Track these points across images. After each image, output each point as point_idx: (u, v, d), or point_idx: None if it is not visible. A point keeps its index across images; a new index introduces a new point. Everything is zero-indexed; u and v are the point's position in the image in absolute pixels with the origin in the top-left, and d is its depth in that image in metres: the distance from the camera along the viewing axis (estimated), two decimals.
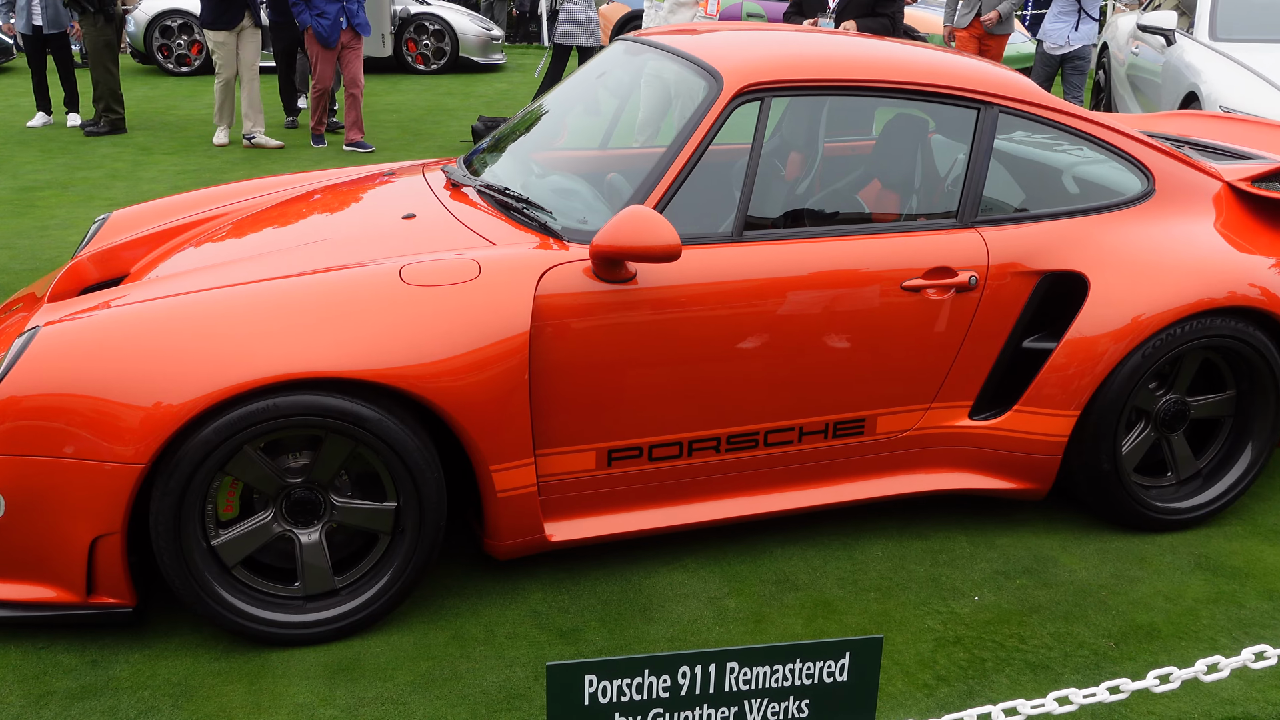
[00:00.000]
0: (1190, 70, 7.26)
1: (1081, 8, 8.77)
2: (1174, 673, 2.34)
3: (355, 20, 8.80)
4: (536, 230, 3.05)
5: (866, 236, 3.19)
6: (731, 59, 3.19)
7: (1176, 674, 2.34)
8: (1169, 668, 2.35)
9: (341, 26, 8.71)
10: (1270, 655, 2.35)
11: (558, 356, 2.87)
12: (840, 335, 3.12)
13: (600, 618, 2.95)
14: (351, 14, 8.76)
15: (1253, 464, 3.54)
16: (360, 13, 8.85)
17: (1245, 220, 3.60)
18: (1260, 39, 7.39)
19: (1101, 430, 3.31)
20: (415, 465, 2.72)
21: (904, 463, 3.36)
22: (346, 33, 8.76)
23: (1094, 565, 3.28)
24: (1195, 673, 2.34)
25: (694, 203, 3.31)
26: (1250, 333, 3.38)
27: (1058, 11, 8.88)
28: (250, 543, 2.73)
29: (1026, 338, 3.36)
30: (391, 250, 2.99)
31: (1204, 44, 7.50)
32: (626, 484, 3.06)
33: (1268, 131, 4.40)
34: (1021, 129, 3.52)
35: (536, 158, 3.74)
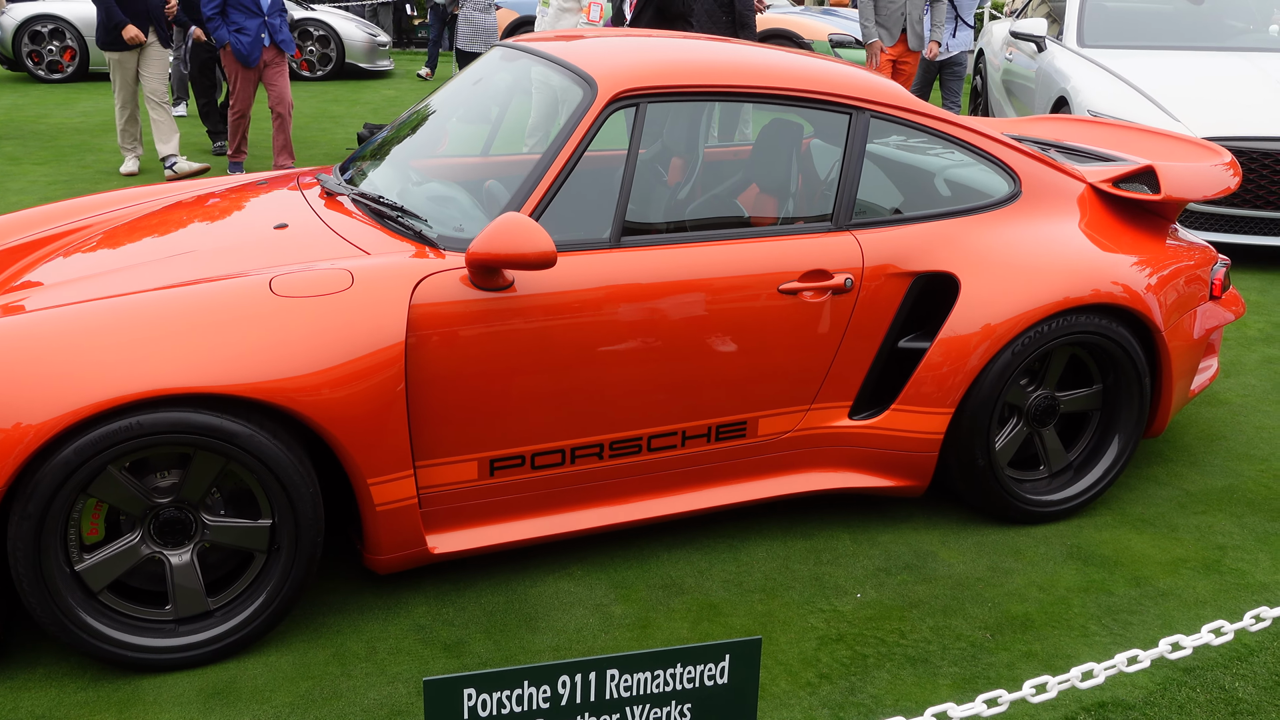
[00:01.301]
0: (1060, 76, 7.52)
1: (959, 15, 9.03)
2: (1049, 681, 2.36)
3: (279, 37, 8.04)
4: (412, 239, 3.01)
5: (743, 241, 3.22)
6: (606, 65, 3.20)
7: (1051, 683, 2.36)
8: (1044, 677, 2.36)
9: (264, 44, 7.96)
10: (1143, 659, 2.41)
11: (435, 366, 2.83)
12: (719, 339, 3.14)
13: (485, 629, 2.92)
14: (274, 30, 8.00)
15: (1120, 455, 3.67)
16: (284, 29, 8.11)
17: (1108, 220, 3.73)
18: (1125, 45, 7.69)
19: (975, 427, 3.39)
20: (289, 481, 2.66)
21: (787, 463, 3.40)
22: (269, 50, 8.00)
23: (971, 559, 3.37)
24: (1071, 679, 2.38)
25: (572, 209, 3.31)
26: (1114, 329, 3.50)
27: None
28: (117, 566, 2.63)
29: (902, 338, 3.43)
30: (262, 261, 2.92)
31: (1073, 50, 7.77)
32: (510, 493, 3.03)
33: (1131, 135, 4.57)
34: (894, 133, 3.60)
35: (415, 165, 3.70)
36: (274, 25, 8.03)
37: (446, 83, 3.98)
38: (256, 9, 7.84)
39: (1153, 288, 3.57)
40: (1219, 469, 4.04)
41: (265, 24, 7.95)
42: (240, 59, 7.88)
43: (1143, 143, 4.40)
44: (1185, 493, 3.85)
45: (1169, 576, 3.32)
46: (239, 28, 7.83)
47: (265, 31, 7.94)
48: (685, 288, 3.09)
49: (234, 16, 7.81)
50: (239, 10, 7.76)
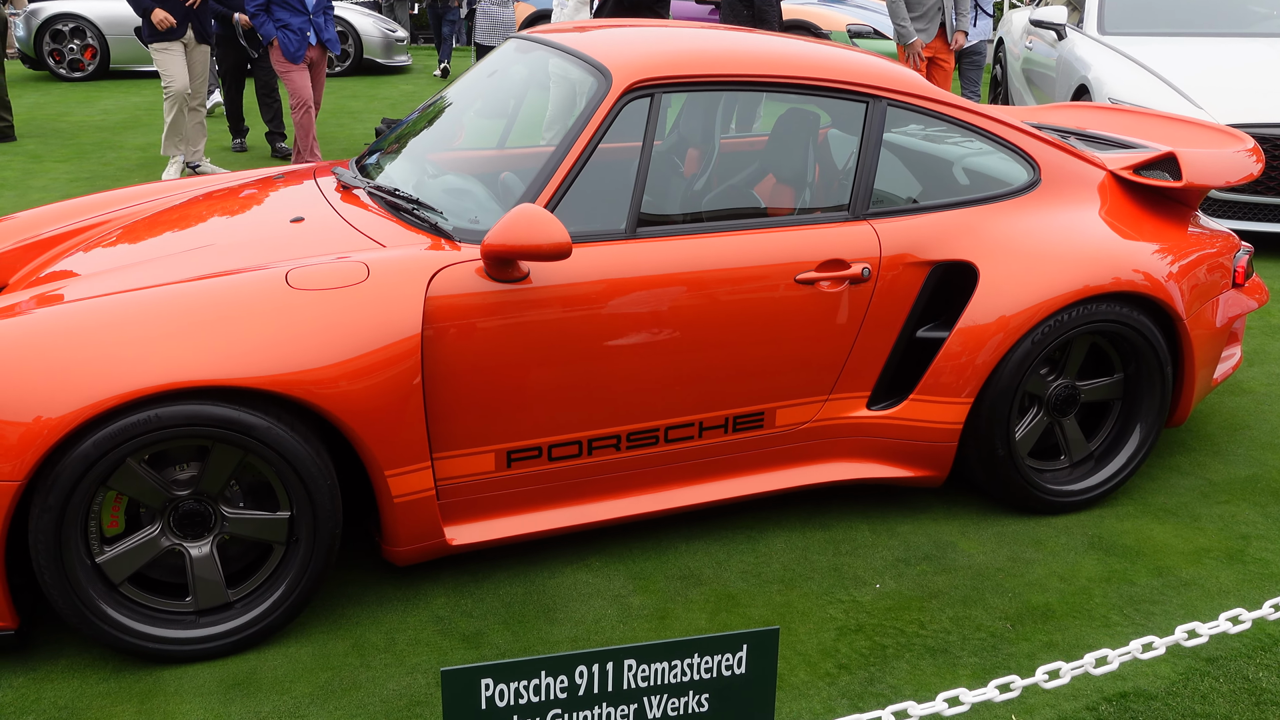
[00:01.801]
0: (1080, 63, 7.46)
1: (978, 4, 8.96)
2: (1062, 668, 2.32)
3: (325, 35, 7.89)
4: (427, 231, 3.01)
5: (759, 231, 3.20)
6: (621, 55, 3.19)
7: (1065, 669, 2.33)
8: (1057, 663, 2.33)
9: (310, 42, 7.80)
10: (1158, 645, 2.39)
11: (452, 358, 2.83)
12: (736, 330, 3.13)
13: (504, 620, 2.93)
14: (319, 28, 7.82)
15: (1141, 445, 3.64)
16: (329, 27, 7.93)
17: (1128, 207, 3.70)
18: (1146, 32, 7.62)
19: (995, 416, 3.37)
20: (307, 473, 2.66)
21: (805, 454, 3.39)
22: (314, 49, 7.86)
23: (991, 549, 3.35)
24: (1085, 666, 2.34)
25: (588, 200, 3.30)
26: (1135, 317, 3.47)
27: None
28: (137, 558, 2.65)
29: (920, 327, 3.42)
30: (278, 254, 2.93)
31: (1093, 38, 7.71)
32: (528, 485, 3.03)
33: (1151, 121, 4.53)
34: (912, 122, 3.58)
35: (431, 158, 3.70)
36: (319, 23, 7.87)
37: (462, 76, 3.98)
38: (301, 6, 7.70)
39: (1174, 275, 3.54)
40: (1243, 458, 4.00)
41: (310, 22, 7.80)
42: (287, 56, 7.71)
43: (1164, 129, 4.36)
44: (1208, 482, 3.81)
45: (1192, 566, 3.29)
46: (284, 24, 7.68)
47: (310, 29, 7.80)
48: (701, 278, 3.08)
49: (279, 13, 7.67)
50: (284, 7, 7.64)
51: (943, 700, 2.16)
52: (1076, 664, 2.27)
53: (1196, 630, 2.40)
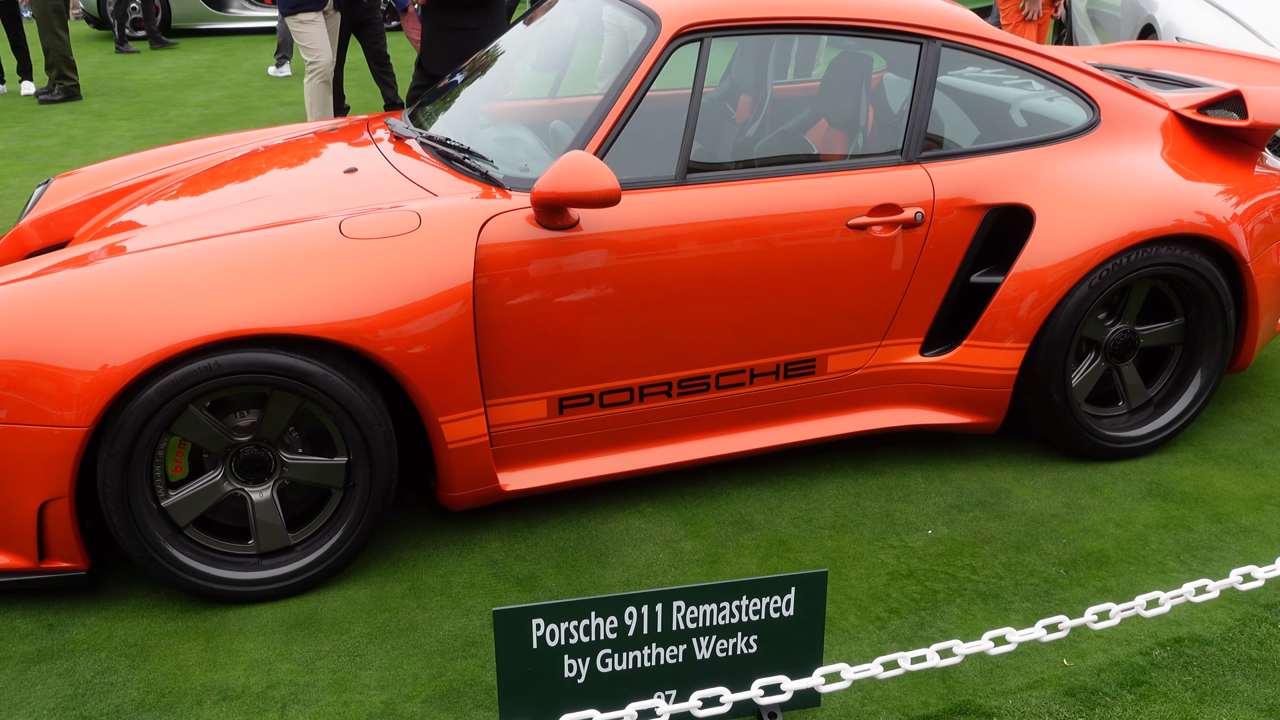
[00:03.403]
0: (1147, 3, 7.24)
1: None
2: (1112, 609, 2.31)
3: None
4: (478, 180, 3.03)
5: (810, 176, 3.18)
6: (670, 1, 3.16)
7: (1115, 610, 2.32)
8: (1107, 604, 2.33)
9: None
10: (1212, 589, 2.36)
11: (503, 306, 2.86)
12: (787, 276, 3.12)
13: (557, 564, 2.97)
14: None
15: (1202, 391, 3.58)
16: None
17: (1192, 148, 3.61)
18: None
19: (1051, 362, 3.33)
20: (363, 420, 2.71)
21: (857, 401, 3.38)
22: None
23: (1046, 496, 3.32)
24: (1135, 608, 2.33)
25: (638, 147, 3.30)
26: (1197, 260, 3.40)
27: None
28: (201, 502, 2.73)
29: (974, 272, 3.37)
30: (332, 205, 2.96)
31: None
32: (579, 431, 3.06)
33: (1218, 59, 4.40)
34: (967, 64, 3.51)
35: (483, 108, 3.71)
36: None
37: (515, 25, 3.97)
38: None
39: (1239, 218, 3.45)
40: None
41: None
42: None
43: (1230, 67, 4.24)
44: (1272, 429, 3.74)
45: (1252, 513, 3.24)
46: None
47: None
48: (751, 224, 3.06)
49: None
50: None
51: (989, 639, 2.16)
52: (1127, 605, 2.26)
53: (1252, 574, 2.37)
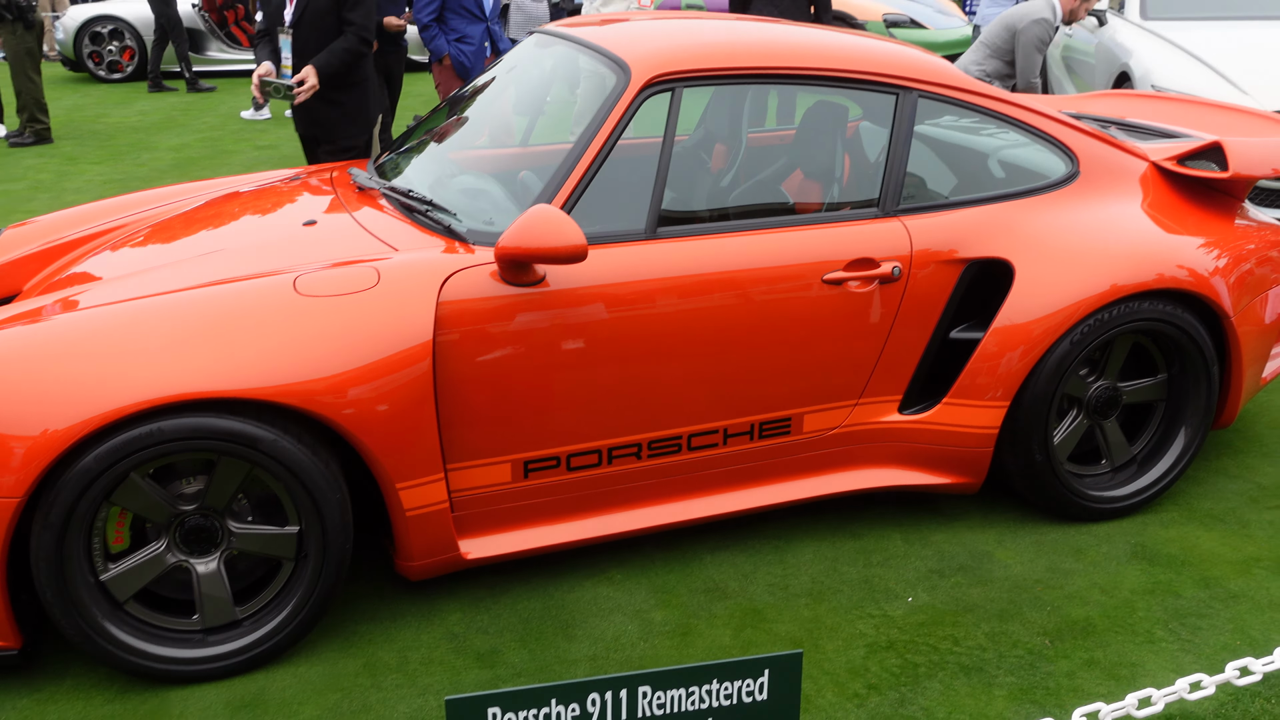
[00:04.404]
0: (1122, 50, 7.24)
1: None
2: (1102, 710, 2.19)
3: (501, 45, 6.81)
4: (441, 234, 2.93)
5: (784, 229, 3.09)
6: (640, 49, 3.08)
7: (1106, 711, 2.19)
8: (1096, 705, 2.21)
9: (486, 54, 6.66)
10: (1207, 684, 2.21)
11: (466, 365, 2.74)
12: (761, 332, 3.02)
13: (520, 637, 2.83)
14: (497, 37, 6.76)
15: (1187, 448, 3.49)
16: (503, 35, 6.91)
17: (1172, 200, 3.54)
18: (1189, 17, 7.39)
19: (1032, 420, 3.23)
20: (316, 487, 2.58)
21: (834, 461, 3.27)
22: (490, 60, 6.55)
23: (1029, 559, 3.21)
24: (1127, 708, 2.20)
25: (608, 199, 3.20)
26: (1179, 315, 3.32)
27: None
28: (143, 575, 2.58)
29: (954, 328, 3.28)
30: (288, 259, 2.85)
31: (1134, 23, 7.49)
32: (545, 495, 2.94)
33: (1195, 109, 4.36)
34: (945, 114, 3.44)
35: (451, 157, 3.61)
36: (496, 32, 6.81)
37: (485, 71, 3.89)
38: (480, 12, 6.66)
39: (1221, 271, 3.38)
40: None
41: (489, 30, 6.76)
42: (461, 73, 6.63)
43: (1208, 117, 4.19)
44: (1258, 486, 3.65)
45: (1240, 577, 3.14)
46: (460, 36, 6.59)
47: (488, 39, 6.73)
48: (724, 279, 2.96)
49: (454, 23, 6.60)
50: (460, 15, 6.58)
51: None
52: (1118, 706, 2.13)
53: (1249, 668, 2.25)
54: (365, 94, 4.96)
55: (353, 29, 4.72)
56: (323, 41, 4.71)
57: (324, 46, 4.69)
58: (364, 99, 4.95)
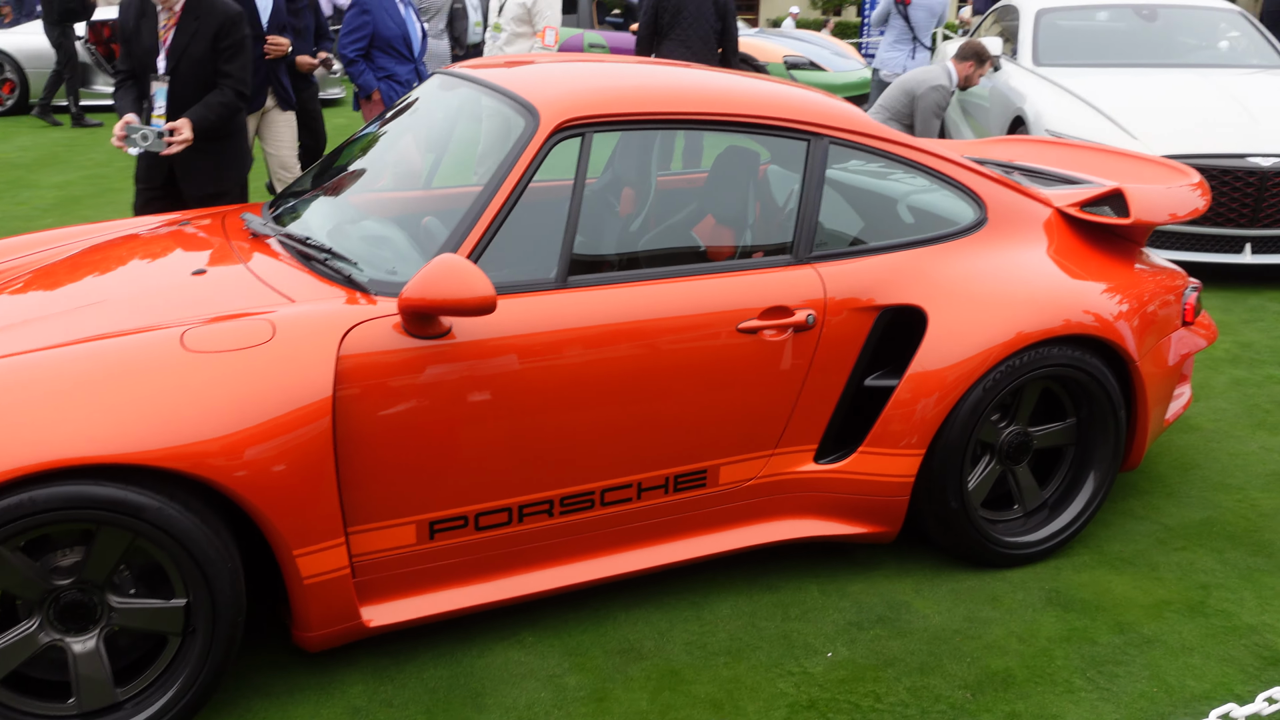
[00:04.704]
0: (1016, 95, 7.43)
1: (915, 37, 8.96)
2: None
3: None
4: (341, 284, 2.79)
5: (698, 277, 3.02)
6: (549, 93, 3.00)
7: None
8: None
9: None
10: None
11: (368, 422, 2.61)
12: (675, 383, 2.94)
13: (427, 709, 2.68)
14: (424, 76, 6.62)
15: (1096, 492, 3.50)
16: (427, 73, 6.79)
17: (1076, 246, 3.58)
18: (1079, 64, 7.62)
19: (947, 467, 3.21)
20: (205, 557, 2.41)
21: (750, 513, 3.20)
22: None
23: (947, 608, 3.17)
24: None
25: (516, 246, 3.11)
26: (1087, 360, 3.34)
27: (892, 40, 9.06)
28: (12, 658, 2.37)
29: (868, 376, 3.25)
30: (176, 312, 2.68)
31: (1027, 69, 7.69)
32: (452, 557, 2.80)
33: (1094, 155, 4.44)
34: (854, 159, 3.43)
35: (351, 200, 3.48)
36: (424, 71, 6.76)
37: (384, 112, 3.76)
38: (408, 52, 6.58)
39: (1125, 315, 3.42)
40: (1196, 500, 3.88)
41: (417, 71, 6.70)
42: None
43: (1108, 164, 4.27)
44: (1164, 527, 3.69)
45: (1153, 621, 3.14)
46: (389, 74, 6.49)
47: (416, 80, 6.65)
48: (637, 329, 2.88)
49: (381, 62, 6.51)
50: (389, 54, 6.49)
51: None
52: None
53: None
54: (240, 143, 4.81)
55: (230, 81, 4.56)
56: (200, 92, 4.53)
57: (200, 97, 4.51)
58: (239, 147, 4.80)
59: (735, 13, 7.46)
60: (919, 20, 9.02)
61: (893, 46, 9.13)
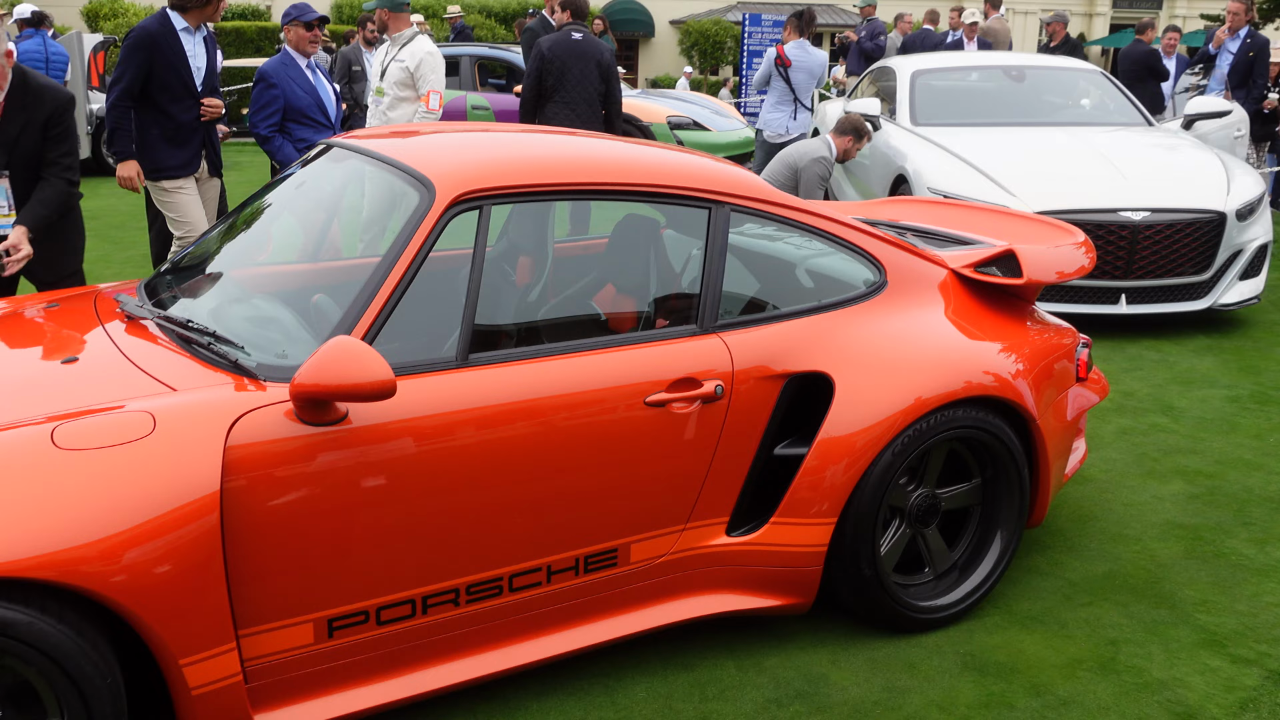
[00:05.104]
0: (897, 154, 7.60)
1: (796, 98, 9.15)
2: None
3: None
4: (227, 369, 2.63)
5: (603, 351, 2.94)
6: (444, 165, 2.90)
7: None
8: None
9: None
10: None
11: (259, 516, 2.44)
12: (583, 462, 2.84)
13: None
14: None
15: (1004, 551, 3.51)
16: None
17: (972, 306, 3.62)
18: (956, 123, 7.85)
19: (860, 534, 3.17)
20: (81, 673, 2.21)
21: (663, 590, 3.10)
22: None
23: (865, 679, 3.12)
24: None
25: (414, 323, 2.99)
26: (990, 421, 3.35)
27: (774, 102, 9.23)
28: None
29: (778, 444, 3.20)
30: (45, 405, 2.48)
31: (906, 129, 7.88)
32: (354, 655, 2.64)
33: (983, 216, 4.53)
34: (753, 225, 3.41)
35: (235, 276, 3.31)
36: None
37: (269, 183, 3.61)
38: (325, 119, 6.29)
39: (1023, 374, 3.45)
40: (1097, 553, 3.93)
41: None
42: None
43: (995, 223, 4.35)
44: (1069, 583, 3.71)
45: (1067, 682, 3.14)
46: (308, 145, 6.16)
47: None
48: (543, 407, 2.78)
49: (299, 133, 6.23)
50: (304, 124, 6.20)
51: None
52: None
53: None
54: (74, 222, 4.62)
55: (57, 169, 4.37)
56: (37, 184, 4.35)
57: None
58: (74, 227, 4.62)
59: (618, 75, 7.50)
60: (799, 82, 9.22)
61: (775, 108, 9.31)
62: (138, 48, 5.53)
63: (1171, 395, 5.65)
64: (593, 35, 7.49)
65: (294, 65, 6.28)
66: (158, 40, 5.53)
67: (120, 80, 5.56)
